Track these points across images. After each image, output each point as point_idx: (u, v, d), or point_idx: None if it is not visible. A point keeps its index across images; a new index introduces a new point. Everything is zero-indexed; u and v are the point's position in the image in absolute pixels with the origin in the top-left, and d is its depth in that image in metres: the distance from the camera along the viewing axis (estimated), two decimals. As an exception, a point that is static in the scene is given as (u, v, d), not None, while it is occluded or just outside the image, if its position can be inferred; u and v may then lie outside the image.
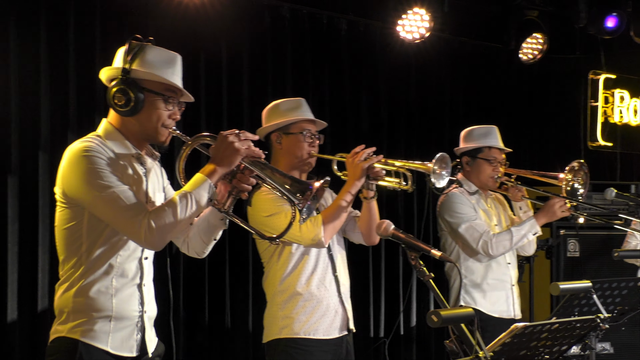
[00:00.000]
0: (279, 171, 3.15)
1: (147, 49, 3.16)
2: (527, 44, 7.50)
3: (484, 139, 5.21)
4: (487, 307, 5.06)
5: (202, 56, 6.04)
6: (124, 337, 3.14)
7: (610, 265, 6.67)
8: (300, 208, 3.07)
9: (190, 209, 3.02)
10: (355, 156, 4.07)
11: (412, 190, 4.11)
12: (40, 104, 5.16)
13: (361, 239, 4.36)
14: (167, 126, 3.20)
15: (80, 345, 3.06)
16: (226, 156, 3.08)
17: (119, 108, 3.13)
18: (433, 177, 4.04)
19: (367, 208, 4.22)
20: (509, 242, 5.01)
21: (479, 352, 2.86)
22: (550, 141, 8.72)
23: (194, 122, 5.94)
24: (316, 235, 3.99)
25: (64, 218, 3.13)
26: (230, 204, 3.20)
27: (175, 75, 3.20)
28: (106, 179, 3.01)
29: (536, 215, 5.08)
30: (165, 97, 3.17)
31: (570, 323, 3.26)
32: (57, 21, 5.26)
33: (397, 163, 4.12)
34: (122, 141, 3.18)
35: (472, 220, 5.04)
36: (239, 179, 3.16)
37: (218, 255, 5.98)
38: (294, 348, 4.10)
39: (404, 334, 7.26)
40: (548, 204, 5.09)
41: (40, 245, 5.09)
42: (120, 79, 3.11)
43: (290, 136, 4.24)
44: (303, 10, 6.65)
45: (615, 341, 6.62)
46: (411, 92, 7.49)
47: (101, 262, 3.09)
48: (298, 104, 4.31)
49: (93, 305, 3.08)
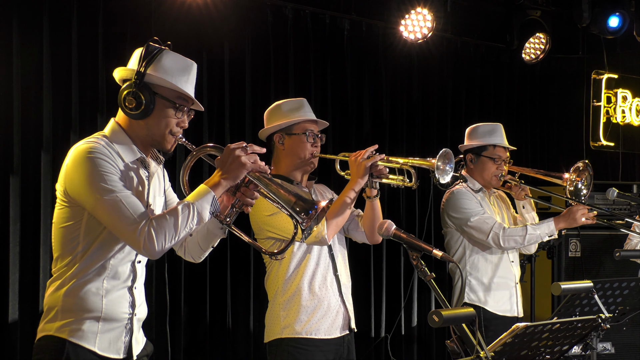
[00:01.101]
0: (284, 187, 3.12)
1: (163, 54, 3.14)
2: (529, 44, 7.50)
3: (488, 136, 5.20)
4: (492, 305, 5.06)
5: (204, 56, 6.04)
6: (112, 339, 3.13)
7: (611, 265, 6.67)
8: (303, 228, 3.06)
9: (191, 220, 3.01)
10: (358, 155, 4.07)
11: (416, 187, 4.10)
12: (43, 103, 5.17)
13: (364, 238, 4.36)
14: (175, 134, 3.19)
15: (68, 344, 3.04)
16: (232, 169, 3.07)
17: (129, 110, 3.12)
18: (437, 173, 4.04)
19: (370, 207, 4.23)
20: (522, 238, 4.99)
21: (480, 352, 2.86)
22: (553, 141, 8.73)
23: (196, 121, 5.91)
24: (319, 233, 4.00)
25: (63, 216, 3.12)
26: (233, 216, 3.19)
27: (188, 83, 3.19)
28: (110, 183, 3.00)
29: (556, 219, 5.04)
30: (176, 105, 3.16)
31: (571, 323, 3.26)
32: (60, 21, 5.27)
33: (400, 160, 4.12)
34: (128, 144, 3.17)
35: (480, 214, 5.03)
36: (243, 193, 3.15)
37: (220, 256, 5.98)
38: (296, 348, 4.11)
39: (405, 333, 7.26)
40: (571, 209, 5.03)
41: (42, 245, 5.09)
42: (134, 82, 3.10)
43: (292, 137, 4.24)
44: (306, 10, 6.66)
45: (617, 341, 6.62)
46: (413, 91, 7.49)
47: (94, 263, 3.08)
48: (300, 104, 4.31)
49: (83, 305, 3.07)
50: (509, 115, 8.15)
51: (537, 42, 7.51)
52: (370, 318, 6.95)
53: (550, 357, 3.27)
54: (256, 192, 3.16)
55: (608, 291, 3.92)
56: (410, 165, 4.08)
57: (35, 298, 5.09)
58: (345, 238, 4.45)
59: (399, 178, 4.12)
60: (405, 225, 7.21)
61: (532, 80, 8.53)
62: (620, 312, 4.06)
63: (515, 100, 8.33)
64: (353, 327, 4.30)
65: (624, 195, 5.51)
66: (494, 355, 2.93)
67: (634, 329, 6.52)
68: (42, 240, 5.10)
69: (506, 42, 7.52)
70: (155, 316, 5.51)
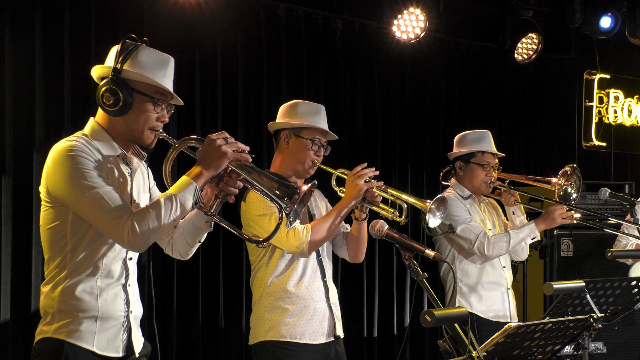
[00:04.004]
0: (266, 174, 3.12)
1: (140, 50, 3.14)
2: (522, 44, 7.51)
3: (477, 143, 5.21)
4: (483, 311, 5.06)
5: (197, 55, 6.04)
6: (110, 337, 3.13)
7: (603, 265, 6.69)
8: (287, 212, 3.05)
9: (174, 211, 3.01)
10: (357, 176, 4.05)
11: (404, 223, 4.07)
12: (35, 103, 5.16)
13: (346, 256, 4.34)
14: (154, 129, 3.19)
15: (66, 345, 3.04)
16: (213, 159, 3.07)
17: (107, 107, 3.12)
18: (428, 216, 4.02)
19: (357, 229, 4.21)
20: (506, 244, 5.02)
21: (472, 352, 2.86)
22: (545, 141, 8.75)
23: (188, 121, 5.95)
24: (301, 244, 3.98)
25: (48, 217, 3.13)
26: (217, 207, 3.18)
27: (166, 78, 3.19)
28: (90, 180, 3.00)
29: (536, 220, 5.07)
30: (154, 100, 3.16)
31: (563, 323, 3.27)
32: (52, 20, 5.26)
33: (395, 193, 4.06)
34: (108, 141, 3.17)
35: (467, 222, 5.05)
36: (226, 182, 3.15)
37: (212, 256, 5.98)
38: (281, 349, 4.08)
39: (397, 333, 7.26)
40: (548, 210, 5.09)
41: (34, 245, 5.08)
42: (111, 79, 3.10)
43: (299, 140, 4.22)
44: (298, 10, 6.66)
45: (608, 341, 6.64)
46: (406, 91, 7.50)
47: (86, 263, 3.08)
48: (317, 110, 4.28)
49: (78, 306, 3.07)
50: (501, 115, 8.18)
51: (530, 42, 7.52)
52: (362, 319, 6.96)
53: (543, 356, 3.28)
54: (239, 181, 3.15)
55: (600, 291, 3.93)
56: (404, 200, 4.05)
57: (27, 299, 5.08)
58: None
59: (390, 210, 4.05)
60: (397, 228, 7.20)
61: (525, 80, 8.55)
62: (612, 312, 4.07)
63: (507, 100, 8.35)
64: (339, 334, 4.25)
65: (615, 195, 5.52)
66: (486, 355, 2.94)
67: (626, 328, 6.53)
68: (34, 240, 5.09)
69: (499, 42, 7.54)
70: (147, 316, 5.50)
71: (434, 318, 2.77)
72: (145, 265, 5.49)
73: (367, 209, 4.14)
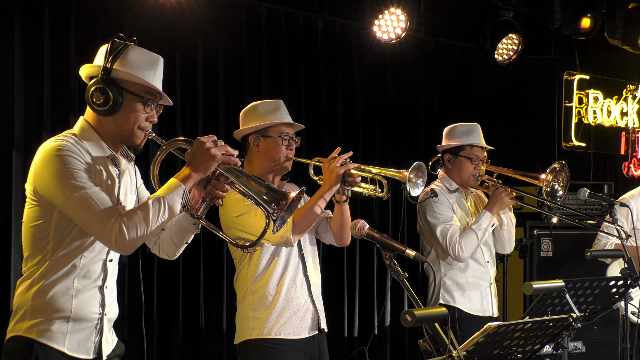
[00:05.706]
0: (255, 179, 3.12)
1: (129, 49, 3.14)
2: (502, 45, 7.54)
3: (466, 136, 5.22)
4: (466, 305, 5.08)
5: (177, 55, 6.03)
6: (82, 339, 3.11)
7: (583, 265, 6.72)
8: (274, 218, 3.05)
9: (162, 214, 3.00)
10: (332, 161, 4.06)
11: (387, 197, 4.11)
12: (15, 102, 5.12)
13: (332, 240, 4.37)
14: (144, 128, 3.18)
15: (37, 345, 3.02)
16: (202, 162, 3.06)
17: (97, 107, 3.11)
18: (409, 186, 4.05)
19: (339, 211, 4.23)
20: (476, 239, 5.03)
21: (452, 352, 2.87)
22: (526, 141, 8.79)
23: (169, 121, 5.92)
24: (284, 234, 3.98)
25: (33, 215, 3.10)
26: (204, 210, 3.17)
27: (156, 77, 3.18)
28: (79, 180, 2.98)
29: (488, 207, 5.10)
30: (144, 100, 3.15)
31: (543, 322, 3.28)
32: (32, 19, 5.23)
33: (373, 170, 4.11)
34: (97, 141, 3.16)
35: (447, 222, 5.06)
36: (214, 186, 3.14)
37: (192, 256, 5.97)
38: (265, 347, 4.10)
39: (378, 333, 7.27)
40: (495, 194, 5.10)
41: (13, 244, 5.05)
42: (100, 78, 3.08)
43: (268, 139, 4.23)
44: (279, 10, 6.65)
45: (588, 340, 6.68)
46: (387, 91, 7.51)
47: (65, 262, 3.06)
48: (276, 106, 4.30)
49: (52, 305, 3.04)
50: (482, 115, 8.20)
51: (510, 42, 7.55)
52: (343, 318, 6.96)
53: (522, 356, 3.29)
54: (227, 184, 3.14)
55: (579, 290, 3.95)
56: (383, 175, 4.08)
57: (6, 298, 5.05)
58: (316, 238, 4.45)
59: (371, 187, 4.12)
60: (378, 225, 7.22)
61: (505, 80, 8.58)
62: (591, 312, 4.09)
63: (488, 101, 8.38)
64: (323, 328, 4.28)
65: (595, 195, 5.55)
66: (466, 354, 2.94)
67: (605, 328, 6.57)
68: (13, 239, 5.06)
69: (479, 42, 7.56)
70: (129, 316, 5.48)
71: (415, 318, 2.77)
72: (127, 266, 5.48)
73: (349, 191, 4.16)
